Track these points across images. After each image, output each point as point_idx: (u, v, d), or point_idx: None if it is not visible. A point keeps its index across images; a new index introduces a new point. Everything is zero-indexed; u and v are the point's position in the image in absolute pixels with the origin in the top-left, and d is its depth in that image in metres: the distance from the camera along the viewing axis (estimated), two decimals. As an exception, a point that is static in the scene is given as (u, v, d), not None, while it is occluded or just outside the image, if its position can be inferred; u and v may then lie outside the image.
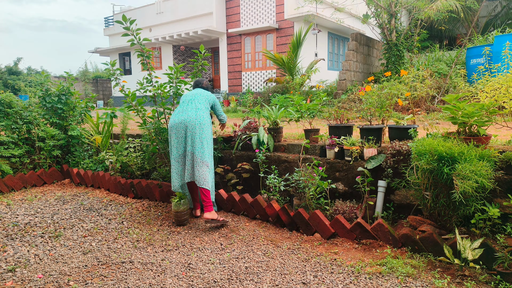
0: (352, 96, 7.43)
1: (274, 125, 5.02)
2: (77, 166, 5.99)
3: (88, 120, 6.43)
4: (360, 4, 12.09)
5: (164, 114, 4.93)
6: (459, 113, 3.19)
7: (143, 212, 4.46)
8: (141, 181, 5.01)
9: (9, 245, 3.47)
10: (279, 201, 4.20)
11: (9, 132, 5.60)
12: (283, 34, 14.62)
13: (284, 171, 4.46)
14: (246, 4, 15.47)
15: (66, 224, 4.05)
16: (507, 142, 3.64)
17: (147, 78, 4.82)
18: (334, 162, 4.14)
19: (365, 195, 3.73)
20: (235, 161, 5.04)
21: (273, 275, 2.83)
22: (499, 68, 4.02)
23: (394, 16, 10.07)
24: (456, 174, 2.71)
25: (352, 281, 2.68)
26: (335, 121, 4.79)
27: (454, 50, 12.29)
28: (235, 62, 16.31)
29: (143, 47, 4.79)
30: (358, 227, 3.33)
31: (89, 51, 22.11)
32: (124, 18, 4.52)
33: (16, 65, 25.59)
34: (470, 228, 3.03)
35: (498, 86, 3.39)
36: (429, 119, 4.38)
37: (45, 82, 6.08)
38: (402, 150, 3.51)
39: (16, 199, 4.99)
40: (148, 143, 5.20)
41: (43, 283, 2.78)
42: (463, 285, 2.53)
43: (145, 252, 3.34)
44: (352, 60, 10.78)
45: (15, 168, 5.69)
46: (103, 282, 2.79)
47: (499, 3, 16.12)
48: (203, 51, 4.82)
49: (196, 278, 2.81)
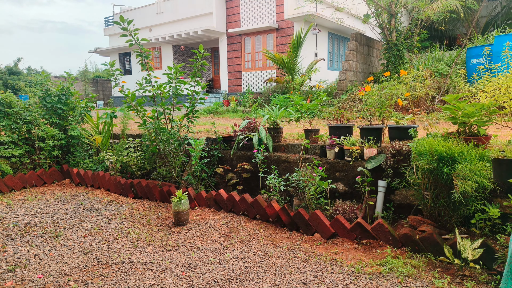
0: (352, 96, 7.43)
1: (274, 125, 5.02)
2: (77, 166, 5.99)
3: (88, 120, 6.43)
4: (360, 4, 12.09)
5: (164, 114, 4.93)
6: (459, 113, 3.19)
7: (143, 212, 4.46)
8: (141, 181, 5.01)
9: (9, 245, 3.47)
10: (279, 201, 4.20)
11: (9, 132, 5.60)
12: (283, 34, 14.62)
13: (284, 171, 4.46)
14: (246, 4, 15.47)
15: (66, 224, 4.05)
16: (507, 142, 3.63)
17: (146, 78, 4.82)
18: (334, 162, 4.13)
19: (365, 195, 3.72)
20: (235, 161, 5.04)
21: (273, 275, 2.83)
22: (499, 68, 4.02)
23: (394, 16, 10.07)
24: (456, 174, 2.71)
25: (352, 281, 2.67)
26: (335, 121, 4.79)
27: (454, 50, 12.29)
28: (235, 62, 16.31)
29: (141, 47, 4.79)
30: (358, 227, 3.33)
31: (89, 51, 22.13)
32: (121, 18, 4.51)
33: (16, 65, 25.58)
34: (470, 228, 3.02)
35: (498, 86, 3.39)
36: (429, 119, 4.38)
37: (45, 82, 6.08)
38: (402, 150, 3.51)
39: (16, 199, 4.99)
40: (148, 143, 5.20)
41: (43, 283, 2.78)
42: (463, 285, 2.53)
43: (145, 252, 3.34)
44: (352, 60, 10.78)
45: (15, 168, 5.68)
46: (103, 282, 2.79)
47: (499, 3, 16.12)
48: (202, 50, 4.82)
49: (196, 278, 2.81)
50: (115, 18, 20.13)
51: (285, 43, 14.32)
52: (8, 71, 24.62)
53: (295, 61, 11.86)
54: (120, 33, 5.07)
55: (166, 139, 4.82)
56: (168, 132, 4.81)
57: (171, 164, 5.00)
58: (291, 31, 14.24)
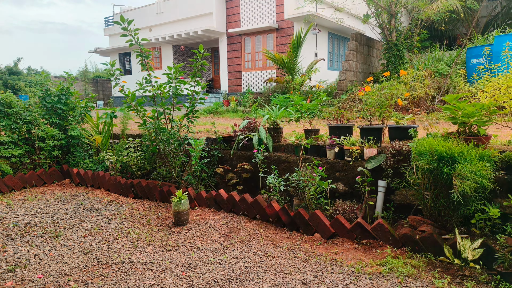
0: (352, 96, 7.43)
1: (274, 125, 5.02)
2: (77, 166, 5.99)
3: (88, 120, 6.43)
4: (360, 4, 12.09)
5: (164, 114, 4.93)
6: (459, 113, 3.19)
7: (143, 212, 4.46)
8: (141, 181, 5.01)
9: (9, 245, 3.47)
10: (279, 201, 4.20)
11: (9, 132, 5.60)
12: (283, 34, 14.62)
13: (284, 171, 4.46)
14: (246, 4, 15.47)
15: (66, 224, 4.05)
16: (507, 142, 3.64)
17: (146, 78, 4.82)
18: (334, 162, 4.13)
19: (365, 195, 3.72)
20: (235, 161, 5.04)
21: (273, 275, 2.83)
22: (499, 68, 4.02)
23: (394, 16, 10.07)
24: (456, 174, 2.71)
25: (352, 281, 2.67)
26: (335, 121, 4.79)
27: (454, 50, 12.29)
28: (235, 62, 16.31)
29: (141, 47, 4.79)
30: (358, 227, 3.33)
31: (89, 51, 22.13)
32: (122, 18, 4.51)
33: (16, 65, 25.56)
34: (470, 228, 3.02)
35: (498, 86, 3.39)
36: (429, 119, 4.38)
37: (45, 82, 6.08)
38: (402, 150, 3.51)
39: (16, 199, 4.99)
40: (148, 143, 5.20)
41: (43, 283, 2.78)
42: (463, 285, 2.53)
43: (145, 252, 3.34)
44: (352, 60, 10.78)
45: (15, 168, 5.68)
46: (103, 282, 2.79)
47: (499, 3, 16.12)
48: (202, 50, 4.82)
49: (196, 278, 2.81)
50: (115, 18, 20.13)
51: (285, 43, 14.32)
52: (8, 71, 24.60)
53: (295, 61, 11.86)
54: (120, 33, 5.06)
55: (166, 139, 4.81)
56: (168, 132, 4.81)
57: (171, 164, 5.00)
58: (291, 31, 14.24)
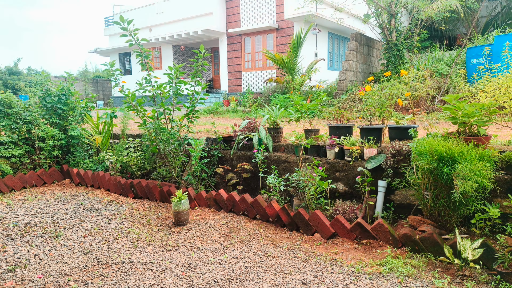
0: (352, 96, 7.43)
1: (274, 125, 5.02)
2: (77, 166, 5.99)
3: (88, 120, 6.43)
4: (360, 4, 12.09)
5: (164, 114, 4.93)
6: (459, 113, 3.19)
7: (143, 212, 4.46)
8: (141, 181, 5.01)
9: (9, 245, 3.47)
10: (279, 201, 4.20)
11: (9, 132, 5.60)
12: (283, 34, 14.62)
13: (284, 171, 4.46)
14: (246, 4, 15.47)
15: (66, 224, 4.05)
16: (507, 142, 3.64)
17: (146, 78, 4.82)
18: (334, 162, 4.13)
19: (365, 195, 3.72)
20: (235, 161, 5.04)
21: (273, 275, 2.83)
22: (499, 68, 4.02)
23: (394, 16, 10.07)
24: (456, 174, 2.71)
25: (352, 281, 2.67)
26: (335, 121, 4.79)
27: (454, 50, 12.29)
28: (235, 62, 16.31)
29: (141, 47, 4.79)
30: (358, 227, 3.33)
31: (89, 51, 22.14)
32: (121, 18, 4.51)
33: (16, 65, 25.55)
34: (470, 228, 3.03)
35: (498, 86, 3.39)
36: (429, 119, 4.38)
37: (45, 82, 6.08)
38: (402, 150, 3.51)
39: (16, 199, 4.99)
40: (148, 143, 5.20)
41: (43, 283, 2.78)
42: (463, 285, 2.53)
43: (145, 252, 3.34)
44: (352, 60, 10.78)
45: (15, 168, 5.68)
46: (103, 282, 2.79)
47: (499, 3, 16.12)
48: (203, 51, 4.82)
49: (196, 278, 2.81)
50: (115, 18, 20.13)
51: (285, 43, 14.32)
52: (8, 71, 24.60)
53: (295, 61, 11.86)
54: (120, 33, 5.06)
55: (166, 139, 4.81)
56: (168, 132, 4.81)
57: (171, 164, 5.00)
58: (291, 31, 14.24)
